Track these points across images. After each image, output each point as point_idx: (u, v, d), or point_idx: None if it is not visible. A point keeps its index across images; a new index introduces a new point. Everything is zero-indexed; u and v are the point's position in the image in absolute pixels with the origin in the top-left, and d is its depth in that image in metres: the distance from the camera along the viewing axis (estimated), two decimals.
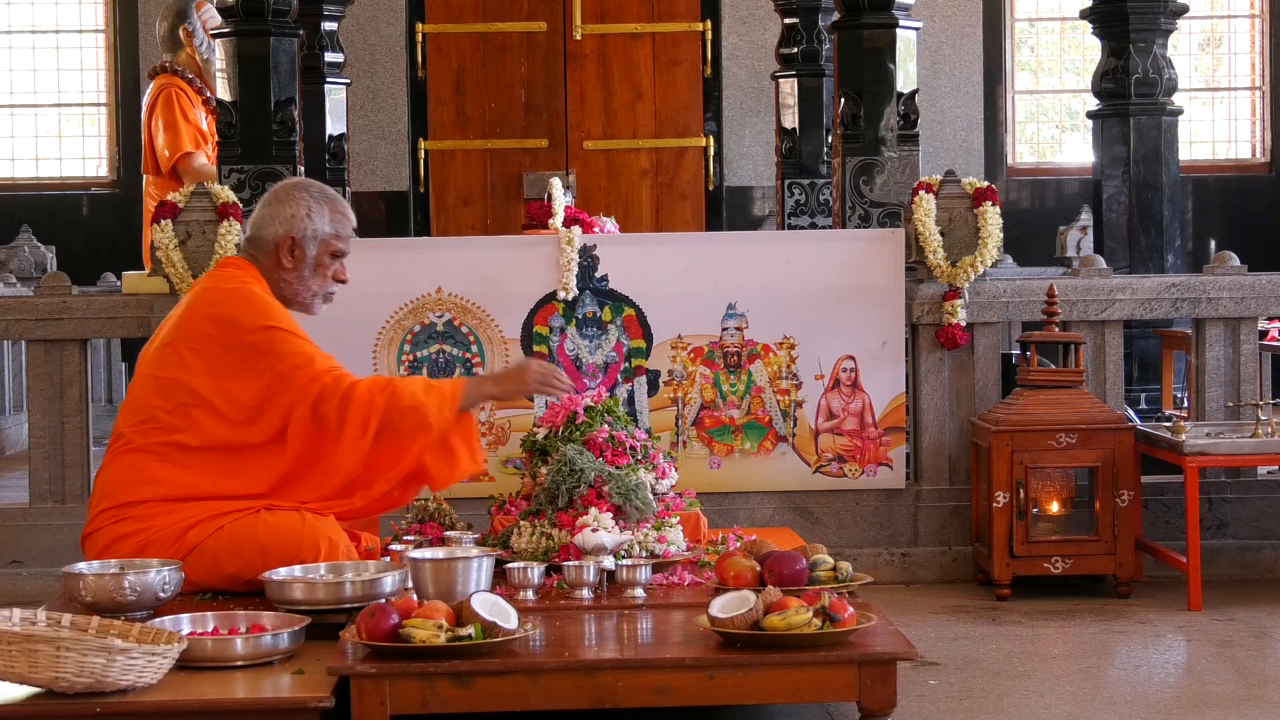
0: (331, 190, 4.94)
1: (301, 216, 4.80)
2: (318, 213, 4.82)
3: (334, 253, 4.86)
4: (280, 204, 4.83)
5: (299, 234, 4.79)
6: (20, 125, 12.69)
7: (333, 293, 4.91)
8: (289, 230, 4.79)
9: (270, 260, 4.81)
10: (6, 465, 9.25)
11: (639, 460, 5.00)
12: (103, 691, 3.68)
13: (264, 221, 4.83)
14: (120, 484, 4.61)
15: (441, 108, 11.57)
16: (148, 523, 4.56)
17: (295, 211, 4.80)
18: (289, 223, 4.79)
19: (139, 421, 4.65)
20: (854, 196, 6.63)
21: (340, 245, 4.86)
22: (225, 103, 6.73)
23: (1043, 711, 4.45)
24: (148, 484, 4.59)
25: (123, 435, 4.67)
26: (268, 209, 4.85)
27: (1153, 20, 7.87)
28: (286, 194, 4.86)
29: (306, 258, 4.81)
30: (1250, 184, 12.77)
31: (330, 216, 4.84)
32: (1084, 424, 5.86)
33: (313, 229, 4.80)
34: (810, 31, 8.88)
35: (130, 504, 4.58)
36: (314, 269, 4.83)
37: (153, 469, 4.60)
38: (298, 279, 4.81)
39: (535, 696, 3.83)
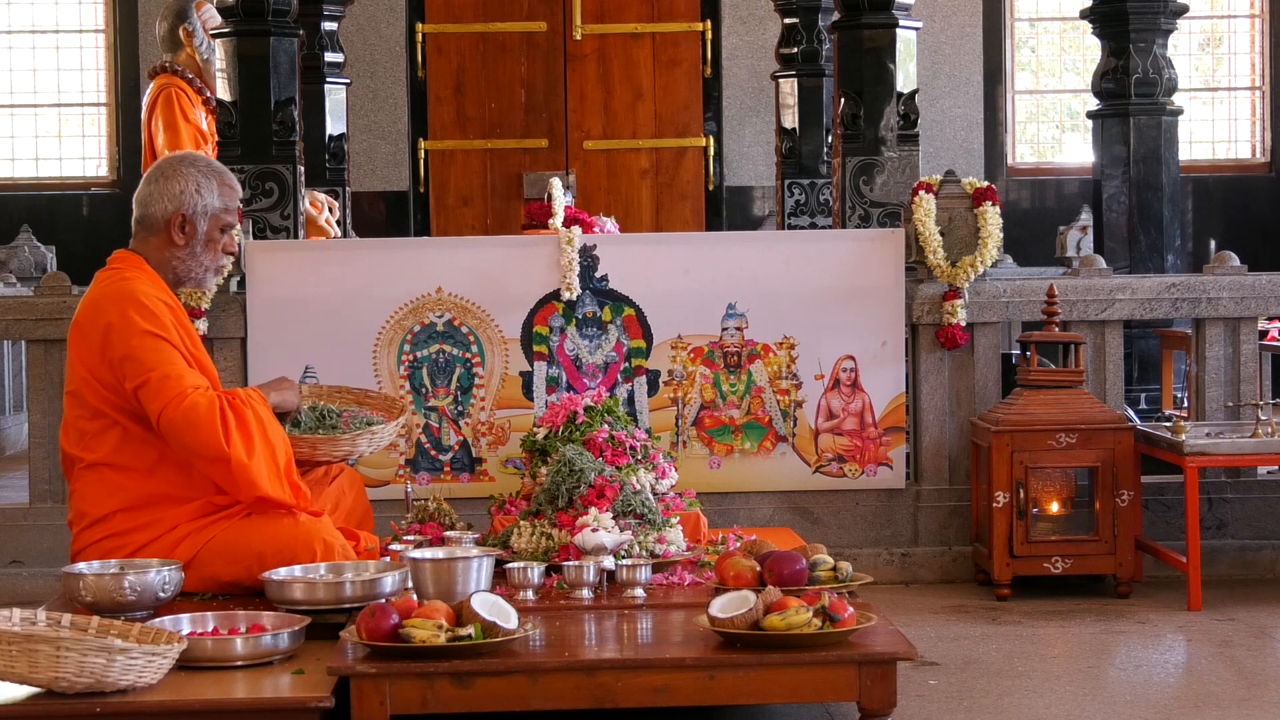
0: (218, 163, 4.88)
1: (190, 192, 4.72)
2: (206, 187, 4.75)
3: (224, 226, 4.79)
4: (167, 180, 4.74)
5: (189, 210, 4.72)
6: (20, 125, 12.69)
7: (224, 265, 4.86)
8: (179, 207, 4.72)
9: (160, 239, 4.73)
10: (6, 465, 9.25)
11: (639, 460, 5.00)
12: (103, 691, 3.68)
13: (152, 199, 4.74)
14: (89, 500, 4.60)
15: (441, 108, 11.57)
16: (131, 536, 4.54)
17: (184, 188, 4.72)
18: (178, 199, 4.72)
19: (77, 436, 4.64)
20: (854, 196, 6.63)
21: (229, 218, 4.80)
22: (225, 103, 6.73)
23: (1043, 711, 4.45)
24: (113, 493, 4.58)
25: (70, 455, 4.66)
26: (154, 186, 4.75)
27: (1153, 20, 7.87)
28: (173, 170, 4.77)
29: (198, 234, 4.74)
30: (1250, 184, 12.77)
31: (219, 190, 4.77)
32: (1084, 424, 5.86)
33: (202, 204, 4.73)
34: (810, 31, 8.88)
35: (105, 518, 4.56)
36: (205, 244, 4.76)
37: (112, 479, 4.59)
38: (189, 255, 4.74)
39: (535, 696, 3.83)
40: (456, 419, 6.09)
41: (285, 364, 5.94)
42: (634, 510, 4.79)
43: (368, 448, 5.03)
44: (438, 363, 6.09)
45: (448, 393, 6.10)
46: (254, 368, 6.04)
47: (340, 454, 4.97)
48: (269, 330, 6.07)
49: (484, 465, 6.10)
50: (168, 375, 4.50)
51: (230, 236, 4.83)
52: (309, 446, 4.89)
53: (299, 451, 4.83)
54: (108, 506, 4.57)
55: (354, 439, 4.96)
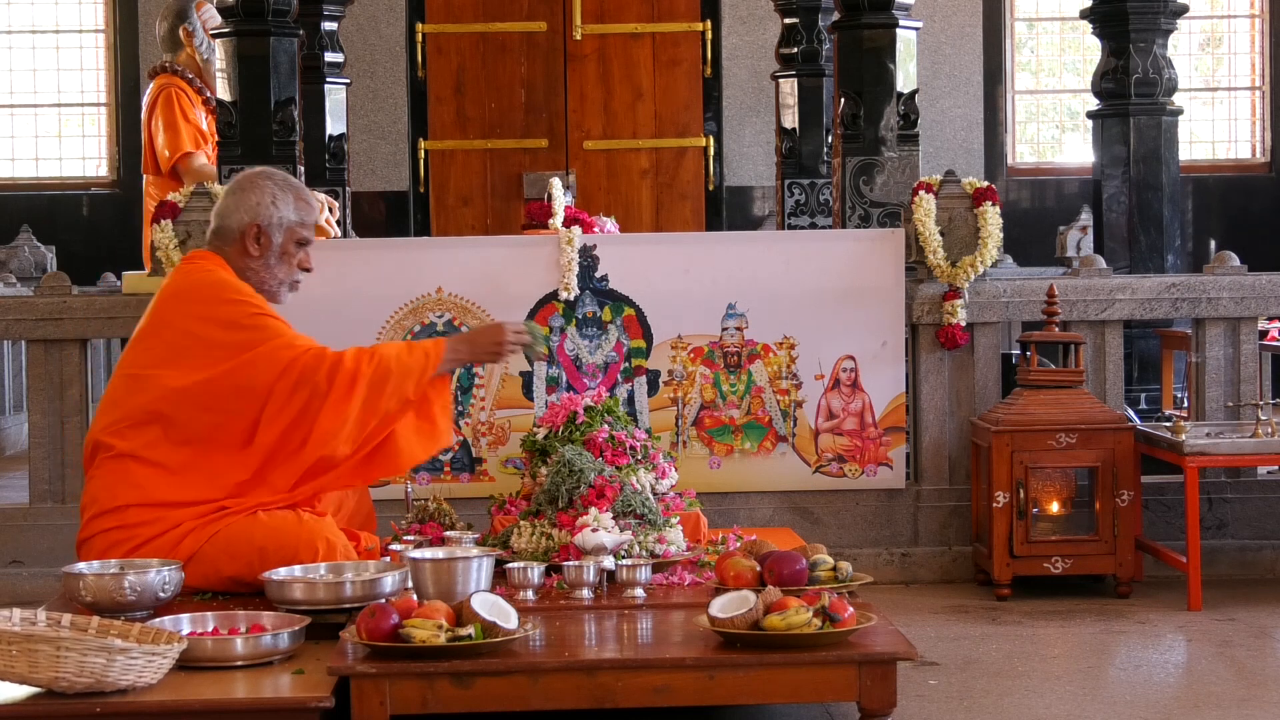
0: (295, 178, 4.94)
1: (267, 204, 4.78)
2: (283, 200, 4.81)
3: (299, 240, 4.84)
4: (245, 192, 4.81)
5: (264, 222, 4.78)
6: (20, 125, 12.70)
7: (298, 280, 4.90)
8: (254, 218, 4.78)
9: (236, 249, 4.79)
10: (6, 465, 9.25)
11: (639, 460, 5.00)
12: (103, 691, 3.68)
13: (229, 210, 4.81)
14: (106, 490, 4.60)
15: (441, 108, 11.57)
16: (139, 530, 4.55)
17: (260, 199, 4.79)
18: (254, 210, 4.78)
19: (113, 422, 4.64)
20: (854, 196, 6.63)
21: (305, 233, 4.85)
22: (225, 103, 6.73)
23: (1043, 711, 4.45)
24: (132, 487, 4.58)
25: (101, 442, 4.66)
26: (232, 198, 4.82)
27: (1153, 20, 7.87)
28: (251, 182, 4.84)
29: (273, 246, 4.80)
30: (1250, 184, 12.77)
31: (295, 204, 4.83)
32: (1084, 424, 5.86)
33: (278, 216, 4.79)
34: (810, 31, 8.88)
35: (118, 509, 4.57)
36: (280, 257, 4.82)
37: (135, 472, 4.59)
38: (264, 267, 4.80)
39: (535, 696, 3.83)
40: (456, 419, 6.09)
41: None
42: (634, 510, 4.79)
43: None
44: None
45: None
46: None
47: None
48: None
49: (484, 465, 6.10)
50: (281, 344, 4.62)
51: (305, 252, 4.87)
52: None
53: None
54: (123, 499, 4.57)
55: None
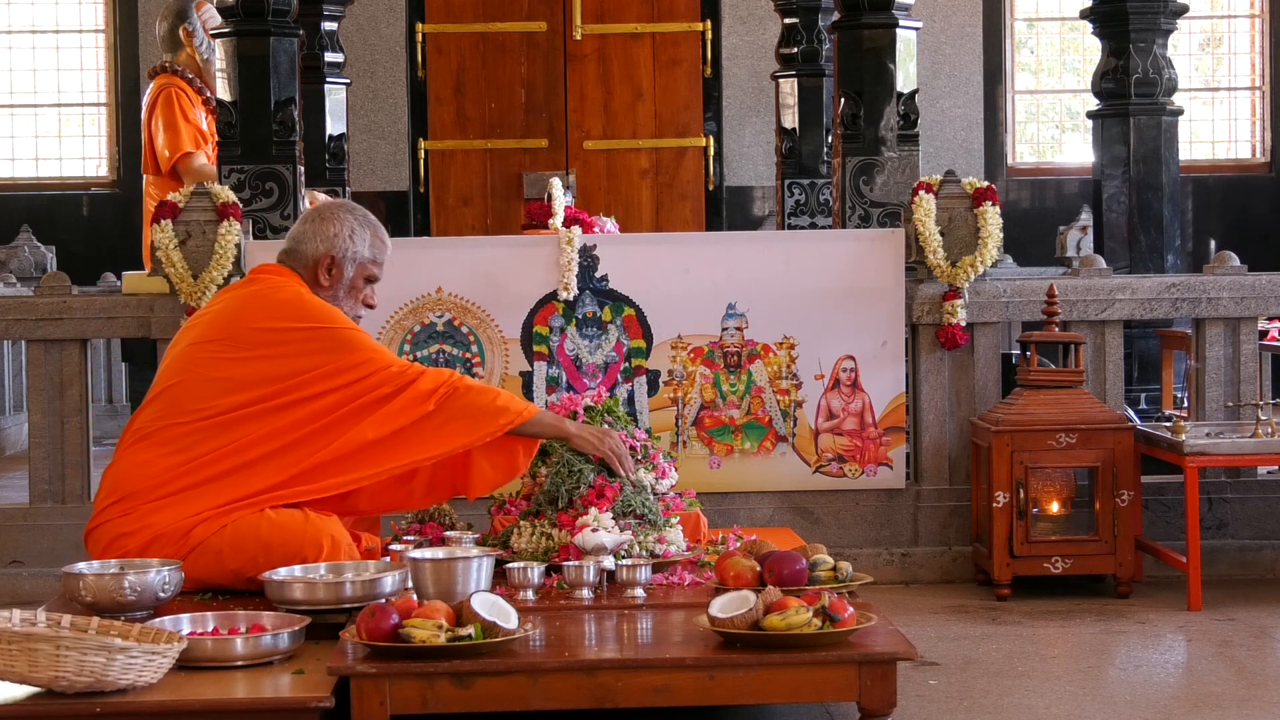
0: (373, 216, 4.98)
1: (344, 237, 4.84)
2: (359, 236, 4.86)
3: (369, 277, 4.91)
4: (324, 222, 4.86)
5: (339, 254, 4.83)
6: (20, 125, 12.70)
7: (359, 316, 4.93)
8: (330, 249, 4.83)
9: (308, 276, 4.84)
10: (6, 465, 9.25)
11: (639, 460, 4.99)
12: (103, 691, 3.68)
13: (305, 237, 4.86)
14: (131, 478, 4.61)
15: (441, 108, 11.57)
16: (152, 519, 4.55)
17: (339, 231, 4.84)
18: (331, 241, 4.83)
19: (157, 414, 4.65)
20: (854, 196, 6.63)
21: (376, 270, 4.91)
22: (225, 103, 6.73)
23: (1043, 711, 4.45)
24: (157, 477, 4.59)
25: (138, 431, 4.66)
26: (310, 225, 4.87)
27: (1153, 20, 7.87)
28: (330, 213, 4.89)
29: (343, 278, 4.85)
30: (1250, 184, 12.77)
31: (371, 241, 4.89)
32: (1084, 424, 5.86)
33: (353, 251, 4.85)
34: (810, 31, 8.88)
35: (135, 495, 4.57)
36: (348, 290, 4.87)
37: (163, 462, 4.60)
38: (331, 299, 4.84)
39: (535, 696, 3.83)
40: None
41: None
42: (634, 510, 4.79)
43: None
44: (438, 363, 6.09)
45: None
46: None
47: None
48: None
49: None
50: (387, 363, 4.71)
51: (371, 290, 4.92)
52: None
53: None
54: (142, 486, 4.58)
55: None
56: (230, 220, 6.00)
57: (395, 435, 4.66)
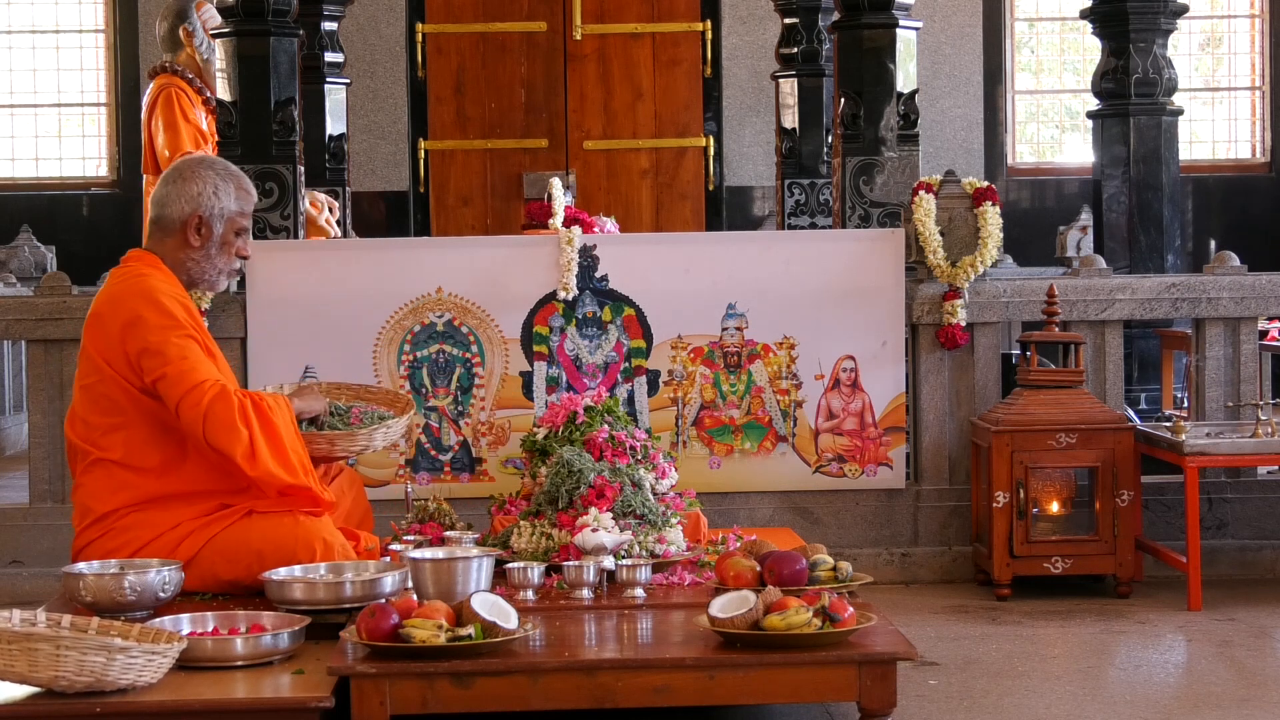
0: (235, 167, 4.90)
1: (208, 194, 4.75)
2: (224, 190, 4.77)
3: (239, 230, 4.82)
4: (185, 182, 4.76)
5: (206, 212, 4.74)
6: (20, 125, 12.69)
7: (237, 269, 4.88)
8: (195, 208, 4.74)
9: (176, 240, 4.75)
10: (6, 465, 9.25)
11: (639, 460, 5.00)
12: (103, 691, 3.68)
13: (169, 200, 4.76)
14: (95, 497, 4.60)
15: (441, 108, 11.57)
16: (134, 534, 4.54)
17: (201, 189, 4.75)
18: (195, 200, 4.74)
19: (84, 431, 4.64)
20: (854, 196, 6.63)
21: (245, 221, 4.83)
22: (225, 103, 6.73)
23: (1043, 711, 4.45)
24: (120, 490, 4.58)
25: (77, 448, 4.66)
26: (171, 188, 4.77)
27: (1153, 20, 7.87)
28: (191, 171, 4.79)
29: (214, 235, 4.76)
30: (1250, 184, 12.77)
31: (235, 194, 4.80)
32: (1084, 424, 5.86)
33: (219, 207, 4.76)
34: (810, 31, 8.88)
35: (109, 514, 4.57)
36: (220, 246, 4.78)
37: (120, 475, 4.59)
38: (204, 257, 4.76)
39: (535, 696, 3.83)
40: (456, 419, 6.10)
41: (285, 364, 5.95)
42: (634, 510, 4.79)
43: (383, 441, 5.01)
44: (438, 363, 6.09)
45: (448, 393, 6.10)
46: (254, 368, 6.04)
47: (357, 448, 4.95)
48: (269, 330, 6.07)
49: (484, 465, 6.10)
50: (185, 369, 4.53)
51: (245, 241, 4.85)
52: (326, 443, 4.88)
53: (316, 449, 4.83)
54: (113, 503, 4.57)
55: (370, 433, 4.94)
56: None
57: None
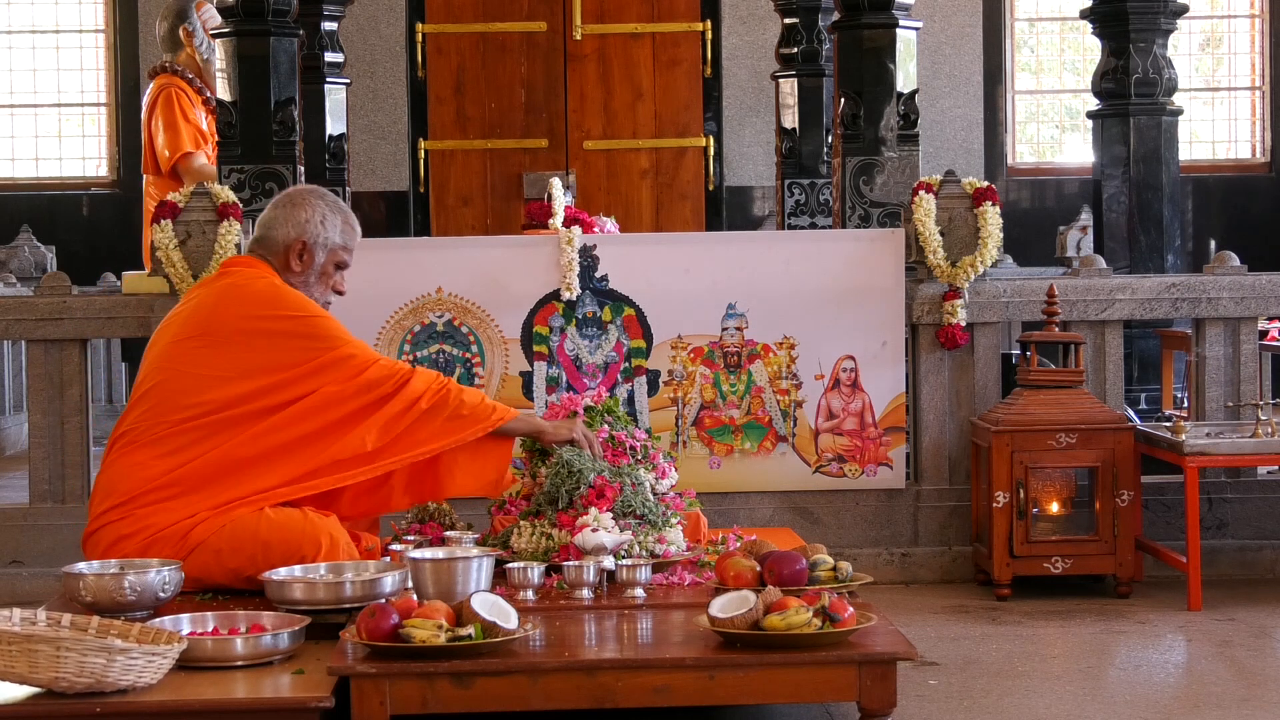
0: (343, 202, 4.99)
1: (315, 222, 4.82)
2: (330, 221, 4.85)
3: (339, 263, 4.89)
4: (294, 208, 4.85)
5: (310, 239, 4.82)
6: (20, 125, 12.69)
7: (329, 302, 4.93)
8: (300, 234, 4.81)
9: (278, 262, 4.83)
10: (6, 465, 9.25)
11: (639, 460, 4.99)
12: (103, 691, 3.68)
13: (276, 223, 4.84)
14: (124, 482, 4.60)
15: (441, 108, 11.57)
16: (150, 520, 4.55)
17: (309, 216, 4.82)
18: (302, 227, 4.81)
19: (146, 415, 4.64)
20: (854, 196, 6.63)
21: (346, 256, 4.90)
22: (225, 103, 6.73)
23: (1043, 711, 4.45)
24: (150, 479, 4.59)
25: (128, 432, 4.66)
26: (280, 211, 4.86)
27: (1153, 20, 7.87)
28: (301, 199, 4.88)
29: (314, 264, 4.83)
30: (1250, 184, 12.77)
31: (341, 227, 4.88)
32: (1084, 424, 5.86)
33: (324, 236, 4.83)
34: (810, 31, 8.89)
35: (134, 501, 4.57)
36: (319, 276, 4.86)
37: (155, 463, 4.60)
38: (302, 284, 4.83)
39: (535, 696, 3.83)
40: None
41: None
42: (634, 510, 4.79)
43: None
44: (438, 363, 6.09)
45: None
46: None
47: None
48: None
49: None
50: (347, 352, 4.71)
51: (342, 276, 4.91)
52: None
53: None
54: (139, 490, 4.58)
55: None
56: (230, 220, 6.01)
57: (394, 439, 4.69)
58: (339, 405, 4.67)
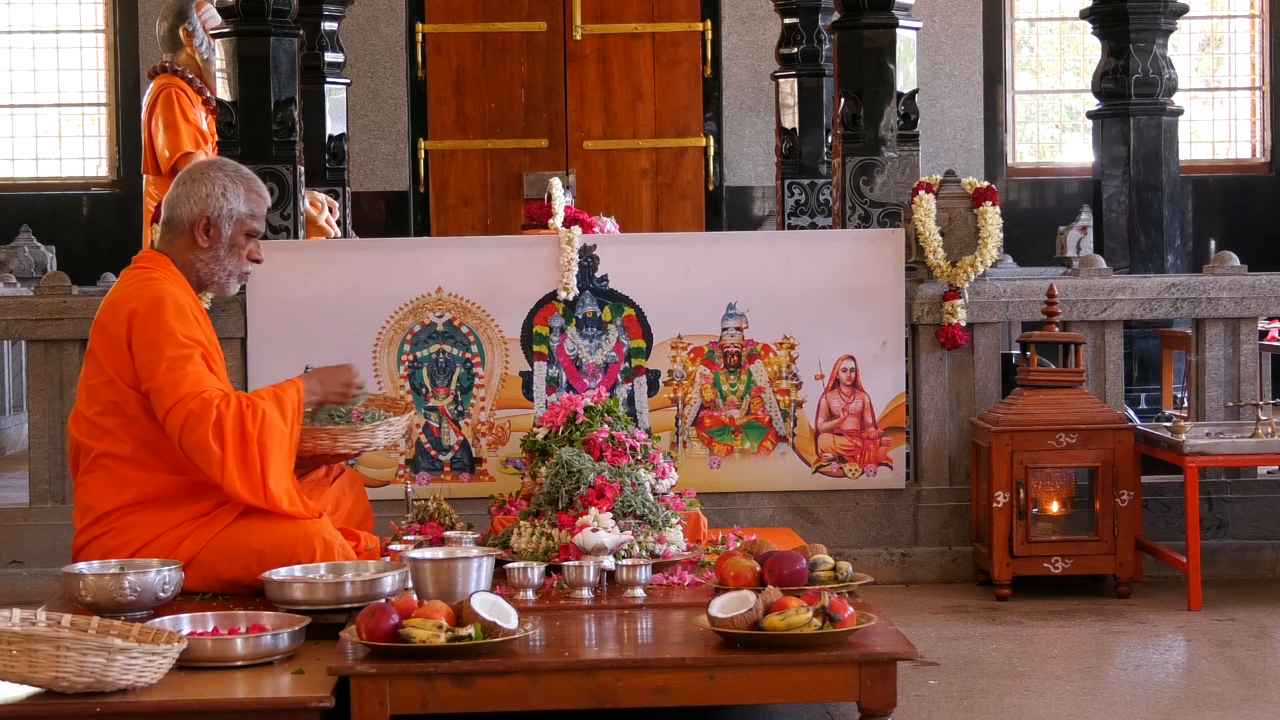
0: (246, 169, 4.92)
1: (217, 195, 4.76)
2: (233, 192, 4.79)
3: (249, 232, 4.83)
4: (195, 183, 4.79)
5: (214, 213, 4.76)
6: (20, 125, 12.69)
7: (247, 272, 4.89)
8: (204, 210, 4.76)
9: (185, 241, 4.77)
10: (6, 465, 9.25)
11: (639, 460, 5.00)
12: (103, 691, 3.68)
13: (178, 201, 4.79)
14: (97, 496, 4.60)
15: (441, 108, 11.57)
16: (135, 534, 4.55)
17: (210, 190, 4.76)
18: (204, 202, 4.76)
19: (89, 431, 4.64)
20: (854, 196, 6.63)
21: (255, 225, 4.84)
22: (225, 103, 6.73)
23: (1043, 711, 4.45)
24: (123, 489, 4.59)
25: (81, 446, 4.66)
26: (182, 188, 4.80)
27: (1153, 20, 7.87)
28: (201, 173, 4.82)
29: (222, 237, 4.78)
30: (1250, 184, 12.77)
31: (245, 196, 4.81)
32: (1084, 424, 5.86)
33: (228, 208, 4.77)
34: (810, 31, 8.88)
35: (111, 513, 4.57)
36: (229, 249, 4.80)
37: (123, 474, 4.59)
38: (213, 259, 4.78)
39: (535, 696, 3.83)
40: (456, 419, 6.10)
41: (285, 364, 5.94)
42: (634, 510, 4.79)
43: (384, 439, 5.02)
44: (438, 363, 6.10)
45: (448, 393, 6.10)
46: (254, 368, 6.04)
47: (359, 445, 4.97)
48: (269, 330, 6.07)
49: (484, 465, 6.10)
50: (173, 380, 4.52)
51: (255, 244, 4.87)
52: (329, 438, 4.89)
53: (319, 444, 4.85)
54: (115, 502, 4.57)
55: (373, 429, 4.96)
56: None
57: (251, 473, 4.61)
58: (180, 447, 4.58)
